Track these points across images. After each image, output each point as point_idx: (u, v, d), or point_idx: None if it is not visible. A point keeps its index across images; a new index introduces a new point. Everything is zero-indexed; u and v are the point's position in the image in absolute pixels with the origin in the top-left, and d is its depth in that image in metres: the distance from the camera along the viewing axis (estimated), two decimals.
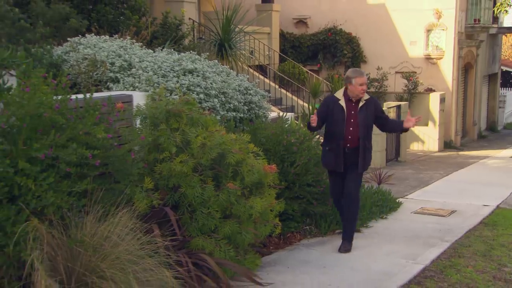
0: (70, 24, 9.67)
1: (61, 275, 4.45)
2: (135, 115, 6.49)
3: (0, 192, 4.33)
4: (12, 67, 5.49)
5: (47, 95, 4.84)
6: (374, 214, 8.69)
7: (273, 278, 5.96)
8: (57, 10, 9.67)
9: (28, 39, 8.68)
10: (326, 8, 20.92)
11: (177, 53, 9.15)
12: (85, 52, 8.17)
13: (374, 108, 7.30)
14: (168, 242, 5.16)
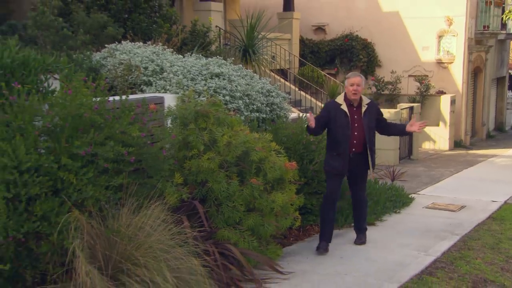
0: (108, 32, 9.76)
1: (99, 262, 4.52)
2: (166, 115, 6.55)
3: (45, 186, 4.41)
4: (56, 71, 5.57)
5: (87, 97, 4.91)
6: (388, 208, 8.67)
7: (293, 268, 5.96)
8: (96, 19, 9.77)
9: (70, 46, 8.78)
10: (343, 16, 20.87)
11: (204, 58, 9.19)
12: (121, 57, 8.24)
13: (376, 111, 7.00)
14: (197, 233, 5.22)
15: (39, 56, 5.45)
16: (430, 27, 19.51)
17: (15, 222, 4.28)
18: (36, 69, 5.30)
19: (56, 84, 5.52)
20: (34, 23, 9.14)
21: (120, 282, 4.48)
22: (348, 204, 8.09)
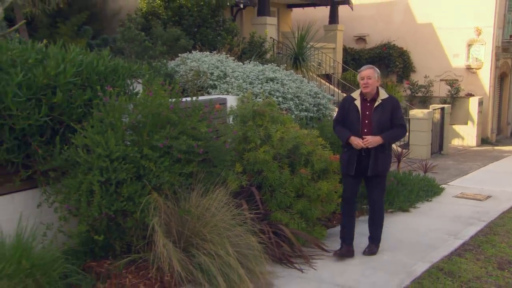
0: (180, 44, 9.94)
1: (173, 237, 4.69)
2: (228, 114, 6.62)
3: (130, 172, 4.59)
4: (139, 77, 5.73)
5: (164, 98, 5.05)
6: (421, 197, 8.55)
7: (336, 247, 5.88)
8: (171, 33, 9.98)
9: (150, 55, 9.02)
10: (382, 28, 20.64)
11: (261, 65, 9.26)
12: (192, 65, 8.38)
13: (391, 108, 5.64)
14: (253, 214, 5.30)
15: (126, 64, 5.61)
16: (460, 36, 19.14)
17: (107, 201, 4.48)
18: (124, 75, 5.45)
19: (139, 87, 5.69)
20: (122, 37, 9.43)
21: (190, 254, 4.63)
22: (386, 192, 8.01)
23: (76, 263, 4.58)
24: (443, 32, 19.51)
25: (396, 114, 5.67)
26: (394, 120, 5.62)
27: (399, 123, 5.66)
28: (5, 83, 4.41)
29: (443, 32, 19.49)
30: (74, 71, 4.83)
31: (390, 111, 5.61)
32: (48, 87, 4.66)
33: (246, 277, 4.61)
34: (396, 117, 5.65)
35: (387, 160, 5.80)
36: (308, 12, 19.29)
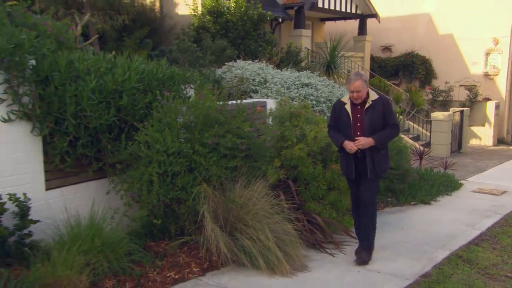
0: (227, 54, 10.03)
1: (220, 222, 4.77)
2: (268, 115, 6.64)
3: (184, 165, 4.69)
4: (191, 82, 5.82)
5: (213, 101, 5.11)
6: (441, 191, 8.41)
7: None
8: (219, 44, 10.09)
9: (200, 64, 9.13)
10: (406, 38, 20.33)
11: (297, 72, 9.28)
12: (236, 72, 8.43)
13: (383, 108, 4.99)
14: (290, 204, 5.31)
15: (180, 72, 5.70)
16: (479, 46, 18.69)
17: (164, 190, 4.60)
18: (179, 81, 5.55)
19: (191, 92, 5.79)
20: (177, 48, 9.60)
21: (235, 237, 4.70)
22: (408, 187, 7.96)
23: (138, 243, 4.70)
24: (463, 42, 19.09)
25: (388, 114, 5.05)
26: (386, 119, 5.00)
27: (391, 123, 5.03)
28: (81, 89, 4.59)
29: (463, 42, 19.08)
30: (138, 78, 4.97)
31: (382, 111, 4.98)
32: (116, 92, 4.82)
33: (284, 259, 4.64)
34: (388, 116, 5.03)
35: (385, 160, 5.15)
36: (339, 24, 19.17)
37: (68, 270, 3.81)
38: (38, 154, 4.71)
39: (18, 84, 4.45)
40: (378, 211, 7.02)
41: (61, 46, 5.09)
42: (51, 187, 4.83)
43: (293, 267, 4.73)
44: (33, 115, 4.55)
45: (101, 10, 9.64)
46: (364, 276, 4.70)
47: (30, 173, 4.67)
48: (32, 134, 4.63)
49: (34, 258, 4.05)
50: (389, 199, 7.58)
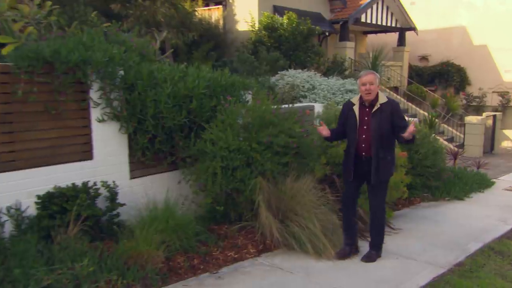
0: (279, 64, 10.06)
1: (273, 211, 4.78)
2: (316, 118, 6.59)
3: (242, 160, 4.75)
4: (249, 89, 5.88)
5: (268, 105, 5.15)
6: (474, 189, 8.09)
7: (401, 226, 5.77)
8: (273, 56, 10.15)
9: (257, 73, 9.23)
10: (442, 49, 19.70)
11: (341, 79, 9.23)
12: (288, 80, 8.41)
13: (391, 112, 4.34)
14: (334, 197, 5.28)
15: (240, 80, 5.76)
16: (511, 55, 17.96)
17: (225, 181, 4.70)
18: (239, 88, 5.62)
19: (249, 97, 5.85)
20: (237, 59, 9.77)
21: (286, 225, 4.73)
22: (443, 184, 7.71)
23: (204, 225, 4.84)
24: (496, 52, 18.30)
25: (399, 116, 4.40)
26: (397, 122, 4.34)
27: (404, 125, 4.31)
28: (159, 94, 4.77)
29: (496, 52, 18.29)
30: (205, 85, 5.08)
31: (390, 114, 4.33)
32: (187, 97, 4.95)
33: (329, 245, 4.62)
34: (399, 118, 4.38)
35: (390, 166, 4.51)
36: (380, 37, 18.85)
37: (148, 246, 3.99)
38: (124, 148, 4.95)
39: (110, 90, 4.69)
40: (414, 205, 6.95)
41: (143, 59, 5.30)
42: (134, 177, 5.05)
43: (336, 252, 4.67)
44: (121, 117, 4.78)
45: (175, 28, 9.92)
46: (401, 263, 4.63)
47: (118, 164, 4.91)
48: (120, 132, 4.86)
49: (121, 235, 4.25)
50: (425, 195, 7.37)
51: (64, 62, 4.26)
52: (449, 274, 4.38)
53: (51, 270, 3.52)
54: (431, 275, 4.33)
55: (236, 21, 12.95)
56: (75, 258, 3.69)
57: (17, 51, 4.21)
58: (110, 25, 5.64)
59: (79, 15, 6.24)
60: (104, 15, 7.94)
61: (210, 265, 4.28)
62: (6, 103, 4.11)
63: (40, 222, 4.06)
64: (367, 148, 4.39)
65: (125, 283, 3.67)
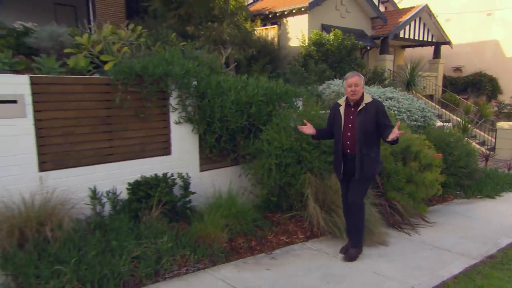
0: (326, 75, 9.89)
1: (319, 202, 4.76)
2: None
3: (294, 158, 4.76)
4: (300, 96, 5.85)
5: (316, 111, 5.15)
6: (505, 188, 7.61)
7: (434, 220, 5.63)
8: (320, 68, 10.00)
9: (306, 82, 9.15)
10: (475, 61, 18.68)
11: (382, 88, 8.98)
12: (333, 88, 8.22)
13: (376, 111, 3.96)
14: (375, 192, 5.20)
15: (292, 88, 5.76)
16: None
17: (279, 176, 4.72)
18: (291, 95, 5.63)
19: (300, 103, 5.85)
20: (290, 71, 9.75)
21: (330, 215, 4.69)
22: (475, 183, 7.32)
23: (260, 213, 4.89)
24: None
25: (383, 116, 4.00)
26: (381, 121, 3.96)
27: (389, 124, 3.95)
28: (225, 101, 4.88)
29: None
30: (263, 93, 5.13)
31: (375, 113, 3.96)
32: (247, 103, 5.04)
33: (366, 235, 4.52)
34: (383, 118, 3.98)
35: (374, 164, 4.07)
36: (416, 50, 18.20)
37: (214, 228, 4.10)
38: (196, 146, 5.10)
39: (185, 98, 4.87)
40: (448, 202, 6.67)
41: (212, 71, 5.42)
42: (203, 170, 5.18)
43: (376, 240, 4.61)
44: (193, 120, 4.94)
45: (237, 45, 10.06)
46: (435, 253, 4.47)
47: (191, 159, 5.06)
48: (193, 132, 5.03)
49: (193, 218, 4.39)
50: (457, 193, 7.07)
51: (151, 75, 4.48)
52: (481, 265, 4.20)
53: (139, 243, 3.72)
54: (464, 265, 4.16)
55: (288, 38, 12.96)
56: (157, 235, 3.88)
57: (115, 67, 4.48)
58: (186, 44, 5.85)
59: (162, 36, 6.50)
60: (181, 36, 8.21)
61: (265, 247, 4.33)
62: (107, 108, 4.40)
63: (130, 204, 4.29)
64: (352, 146, 4.03)
65: (196, 258, 3.81)
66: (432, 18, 15.97)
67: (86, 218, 4.13)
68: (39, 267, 3.26)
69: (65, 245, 3.51)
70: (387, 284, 3.69)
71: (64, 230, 3.63)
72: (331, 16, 13.19)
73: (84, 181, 4.26)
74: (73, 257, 3.35)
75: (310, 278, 3.72)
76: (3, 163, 3.79)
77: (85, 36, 4.88)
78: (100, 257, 3.43)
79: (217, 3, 9.66)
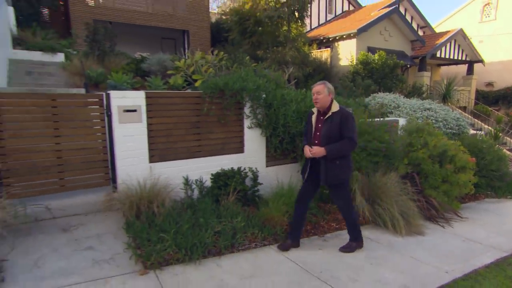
0: (371, 89, 9.52)
1: (365, 196, 4.55)
2: (400, 129, 6.04)
3: None
4: (350, 107, 5.62)
5: (364, 119, 4.94)
6: None
7: (467, 215, 5.17)
8: (366, 83, 9.64)
9: (355, 95, 8.80)
10: (506, 77, 16.72)
11: (420, 100, 8.41)
12: (378, 100, 7.87)
13: (340, 120, 3.36)
14: (413, 190, 4.87)
15: (343, 100, 5.59)
16: None
17: None
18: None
19: None
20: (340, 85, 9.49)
21: (374, 207, 4.48)
22: (506, 185, 6.54)
23: (314, 203, 4.74)
24: None
25: (345, 126, 3.36)
26: (342, 132, 3.37)
27: (347, 136, 3.36)
28: (288, 110, 4.80)
29: None
30: None
31: (339, 123, 3.36)
32: (306, 112, 4.88)
33: (404, 225, 4.28)
34: (344, 128, 3.36)
35: (340, 170, 3.43)
36: (451, 67, 16.72)
37: (277, 213, 4.05)
38: (263, 146, 5.05)
39: (256, 107, 4.86)
40: (479, 200, 6.08)
41: (277, 86, 5.39)
42: (269, 165, 5.12)
43: (413, 231, 4.32)
44: (262, 125, 4.91)
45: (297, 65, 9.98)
46: (468, 244, 4.06)
47: (259, 157, 5.03)
48: (261, 135, 4.99)
49: (260, 204, 4.36)
50: (488, 193, 6.39)
51: (230, 90, 4.53)
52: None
53: (219, 221, 3.77)
54: (495, 256, 3.75)
55: (339, 58, 12.56)
56: (233, 216, 3.91)
57: (203, 83, 4.60)
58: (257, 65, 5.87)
59: (238, 59, 6.60)
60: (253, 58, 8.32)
61: (318, 231, 4.20)
62: (197, 116, 4.52)
63: (212, 191, 4.37)
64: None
65: (263, 236, 3.79)
66: (466, 40, 14.63)
67: (181, 200, 4.28)
68: (149, 233, 3.44)
69: (167, 218, 3.66)
70: (423, 268, 3.42)
71: (165, 207, 3.79)
72: (376, 39, 12.58)
73: (179, 171, 4.41)
74: (172, 228, 3.48)
75: (356, 259, 3.55)
76: (129, 155, 4.05)
77: (182, 61, 5.08)
78: (191, 230, 3.53)
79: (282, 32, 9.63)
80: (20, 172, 3.65)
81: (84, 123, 3.93)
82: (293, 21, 10.08)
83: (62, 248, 3.33)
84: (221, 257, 3.40)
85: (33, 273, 2.95)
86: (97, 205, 4.00)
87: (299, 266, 3.37)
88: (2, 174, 3.56)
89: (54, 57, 8.54)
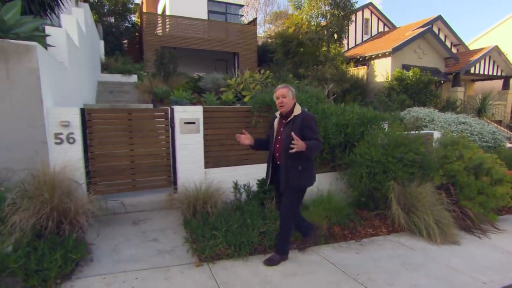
0: (406, 103, 9.12)
1: (400, 205, 4.24)
2: (435, 142, 5.67)
3: (380, 169, 4.38)
4: (386, 120, 5.38)
5: (400, 131, 4.67)
6: None
7: (505, 228, 4.63)
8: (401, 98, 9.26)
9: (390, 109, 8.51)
10: None
11: (455, 114, 7.80)
12: (413, 114, 7.48)
13: (301, 123, 2.90)
14: (448, 200, 4.46)
15: (379, 114, 5.31)
16: None
17: (368, 182, 4.38)
18: (379, 119, 5.21)
19: (386, 126, 5.38)
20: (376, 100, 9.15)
21: (409, 215, 4.22)
22: None
23: (351, 209, 4.57)
24: None
25: (308, 129, 2.90)
26: (307, 134, 2.88)
27: (314, 138, 2.88)
28: (328, 123, 4.72)
29: None
30: (356, 117, 4.85)
31: (300, 126, 2.89)
32: (345, 125, 4.80)
33: (439, 233, 3.97)
34: (308, 131, 2.90)
35: (301, 176, 2.95)
36: (485, 82, 15.26)
37: (317, 217, 3.97)
38: None
39: None
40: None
41: (318, 101, 5.34)
42: None
43: (448, 240, 3.99)
44: None
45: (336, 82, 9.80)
46: (506, 256, 3.67)
47: None
48: None
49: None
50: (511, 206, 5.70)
51: None
52: None
53: (264, 223, 3.75)
54: None
55: (375, 75, 12.10)
56: (276, 218, 3.86)
57: (252, 99, 4.68)
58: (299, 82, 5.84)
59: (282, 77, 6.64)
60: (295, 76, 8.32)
61: (355, 236, 4.03)
62: (246, 128, 4.58)
63: (258, 195, 4.37)
64: (280, 157, 2.99)
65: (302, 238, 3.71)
66: (502, 56, 13.36)
67: (230, 202, 4.33)
68: (204, 230, 3.52)
69: (218, 218, 3.72)
70: (459, 277, 3.12)
71: (217, 208, 3.87)
72: (410, 57, 11.96)
73: (229, 176, 4.49)
74: (223, 227, 3.54)
75: (391, 264, 3.34)
76: (188, 161, 4.22)
77: (233, 79, 5.21)
78: (240, 229, 3.55)
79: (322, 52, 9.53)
80: (103, 173, 3.91)
81: (151, 133, 4.14)
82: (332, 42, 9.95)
83: (133, 238, 3.52)
84: (266, 255, 3.37)
85: (112, 257, 3.15)
86: (160, 203, 4.18)
87: (337, 267, 3.25)
88: (91, 174, 3.85)
89: (129, 78, 9.30)
